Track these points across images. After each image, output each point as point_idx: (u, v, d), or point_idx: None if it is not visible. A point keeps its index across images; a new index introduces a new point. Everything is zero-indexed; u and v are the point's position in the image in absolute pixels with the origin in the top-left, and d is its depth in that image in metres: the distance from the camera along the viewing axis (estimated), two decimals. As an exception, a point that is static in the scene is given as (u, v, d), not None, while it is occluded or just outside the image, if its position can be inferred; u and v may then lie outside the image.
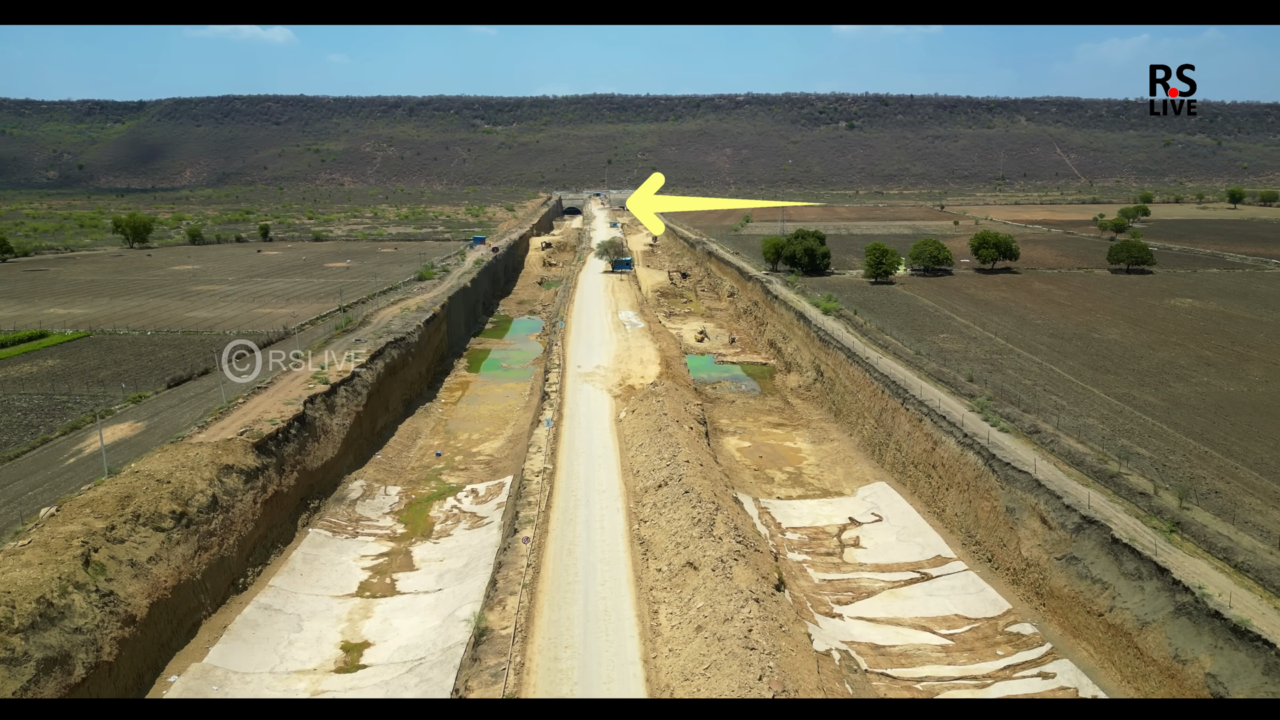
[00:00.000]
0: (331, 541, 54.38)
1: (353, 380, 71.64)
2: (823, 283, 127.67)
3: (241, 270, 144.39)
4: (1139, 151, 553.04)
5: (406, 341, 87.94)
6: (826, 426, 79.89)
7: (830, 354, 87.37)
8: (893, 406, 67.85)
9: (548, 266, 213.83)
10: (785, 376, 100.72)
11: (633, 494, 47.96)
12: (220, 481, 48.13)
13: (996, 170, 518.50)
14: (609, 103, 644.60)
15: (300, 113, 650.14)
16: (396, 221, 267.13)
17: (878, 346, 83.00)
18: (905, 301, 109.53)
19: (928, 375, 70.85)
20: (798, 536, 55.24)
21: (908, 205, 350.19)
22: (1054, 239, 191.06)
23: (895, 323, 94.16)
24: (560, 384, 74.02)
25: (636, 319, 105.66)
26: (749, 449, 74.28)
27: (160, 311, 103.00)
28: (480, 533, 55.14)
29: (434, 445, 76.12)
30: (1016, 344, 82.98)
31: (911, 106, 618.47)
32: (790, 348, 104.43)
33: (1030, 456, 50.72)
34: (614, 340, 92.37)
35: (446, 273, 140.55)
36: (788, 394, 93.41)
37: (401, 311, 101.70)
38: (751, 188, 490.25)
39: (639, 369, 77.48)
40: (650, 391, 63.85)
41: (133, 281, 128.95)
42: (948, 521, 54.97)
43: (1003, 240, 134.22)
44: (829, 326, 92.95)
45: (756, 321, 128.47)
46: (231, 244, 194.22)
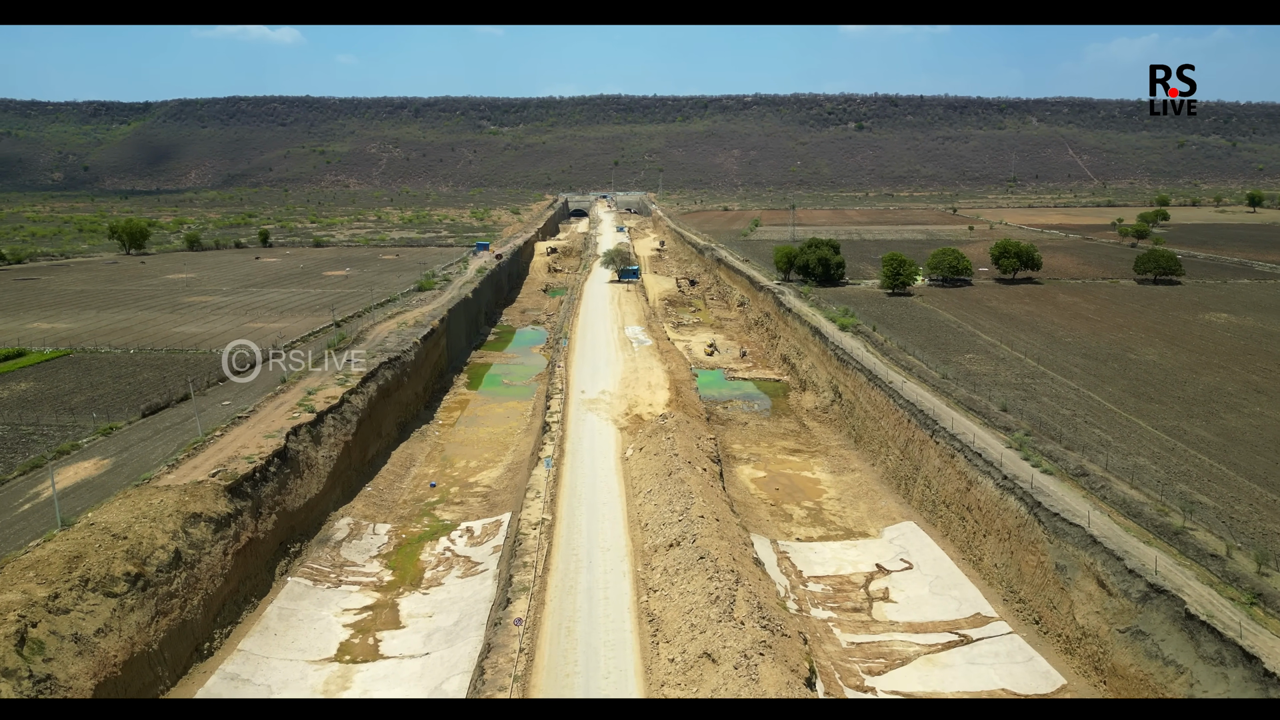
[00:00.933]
0: (312, 592, 49.82)
1: (342, 407, 67.12)
2: (837, 294, 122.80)
3: (237, 279, 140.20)
4: (1153, 153, 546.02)
5: (402, 361, 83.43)
6: (846, 454, 75.03)
7: (849, 375, 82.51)
8: (920, 438, 62.98)
9: (553, 272, 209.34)
10: (800, 395, 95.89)
11: (640, 553, 43.19)
12: (186, 533, 43.59)
13: (1008, 172, 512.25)
14: (616, 103, 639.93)
15: (306, 114, 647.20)
16: (400, 226, 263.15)
17: (901, 368, 78.11)
18: (925, 316, 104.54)
19: (957, 403, 65.96)
20: (821, 588, 50.46)
21: (919, 208, 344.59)
22: (1074, 245, 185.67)
23: (917, 340, 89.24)
24: (562, 413, 69.08)
25: (644, 335, 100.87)
26: (764, 480, 69.52)
27: (147, 326, 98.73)
28: (474, 582, 50.52)
29: (429, 474, 71.59)
30: (1048, 366, 77.97)
31: (921, 107, 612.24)
32: (805, 364, 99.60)
33: (1081, 506, 45.81)
34: (620, 360, 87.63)
35: (448, 282, 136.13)
36: (803, 415, 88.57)
37: (398, 327, 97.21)
38: (759, 189, 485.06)
39: (647, 395, 72.73)
40: (659, 426, 59.11)
41: (123, 292, 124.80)
42: (986, 573, 50.11)
43: (1024, 250, 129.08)
44: (847, 344, 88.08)
45: (768, 334, 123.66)
46: (230, 250, 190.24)
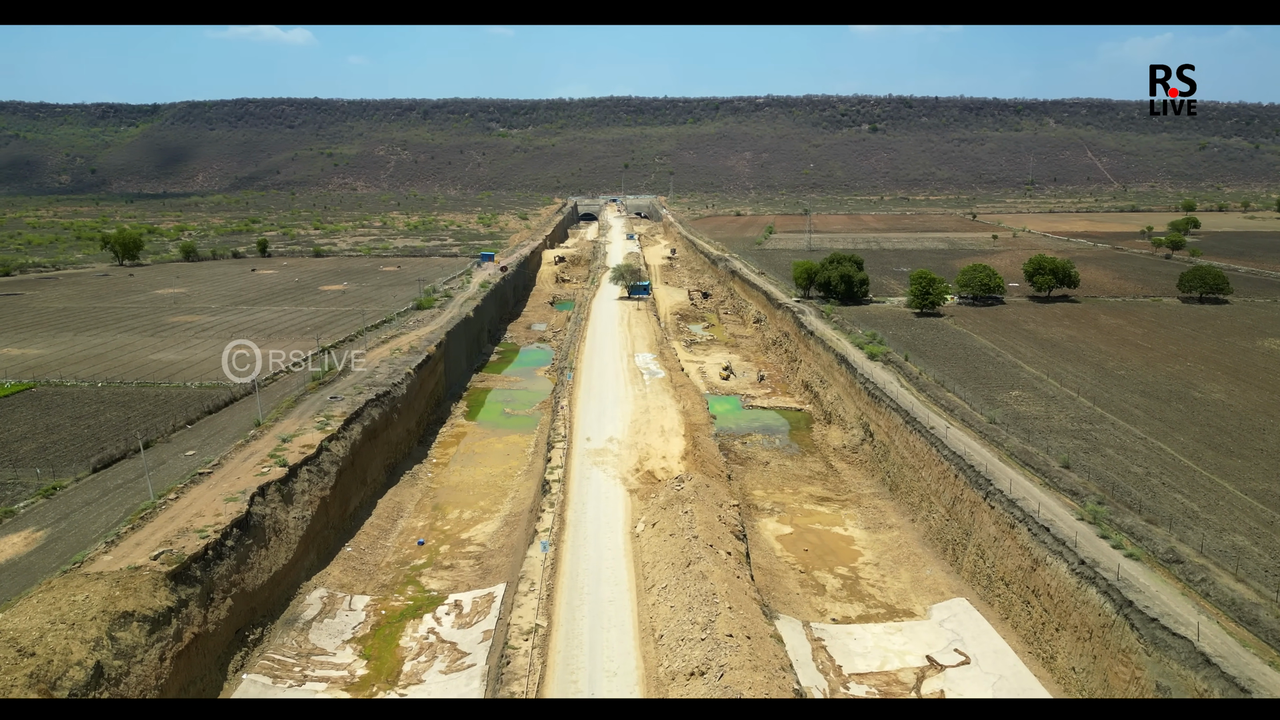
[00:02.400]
0: (270, 692, 42.73)
1: (319, 458, 60.06)
2: (861, 314, 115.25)
3: (229, 294, 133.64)
4: (1174, 155, 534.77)
5: (391, 397, 76.38)
6: (882, 505, 67.52)
7: (882, 413, 74.98)
8: (970, 498, 55.46)
9: (560, 283, 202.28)
10: (825, 429, 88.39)
11: (655, 681, 35.76)
12: (112, 640, 36.57)
13: (1026, 175, 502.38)
14: (626, 105, 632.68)
15: (314, 116, 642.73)
16: (405, 232, 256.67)
17: (941, 408, 70.57)
18: (960, 341, 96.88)
19: (1010, 456, 58.41)
20: (864, 689, 43.06)
21: (937, 213, 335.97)
22: (1105, 257, 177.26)
23: (954, 372, 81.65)
24: (565, 468, 61.21)
25: (655, 365, 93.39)
26: (792, 538, 62.14)
27: (123, 353, 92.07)
28: (459, 679, 43.33)
29: (417, 529, 64.51)
30: (1105, 406, 70.23)
31: (936, 108, 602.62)
32: (830, 395, 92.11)
33: (1182, 607, 38.27)
34: (630, 397, 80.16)
35: (449, 299, 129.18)
36: (830, 454, 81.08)
37: (391, 354, 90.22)
38: (772, 192, 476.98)
39: (659, 443, 65.33)
40: (675, 495, 51.66)
41: (107, 311, 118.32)
42: (1062, 676, 42.59)
43: (1060, 266, 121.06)
44: (878, 377, 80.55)
45: (788, 356, 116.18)
46: (227, 261, 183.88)
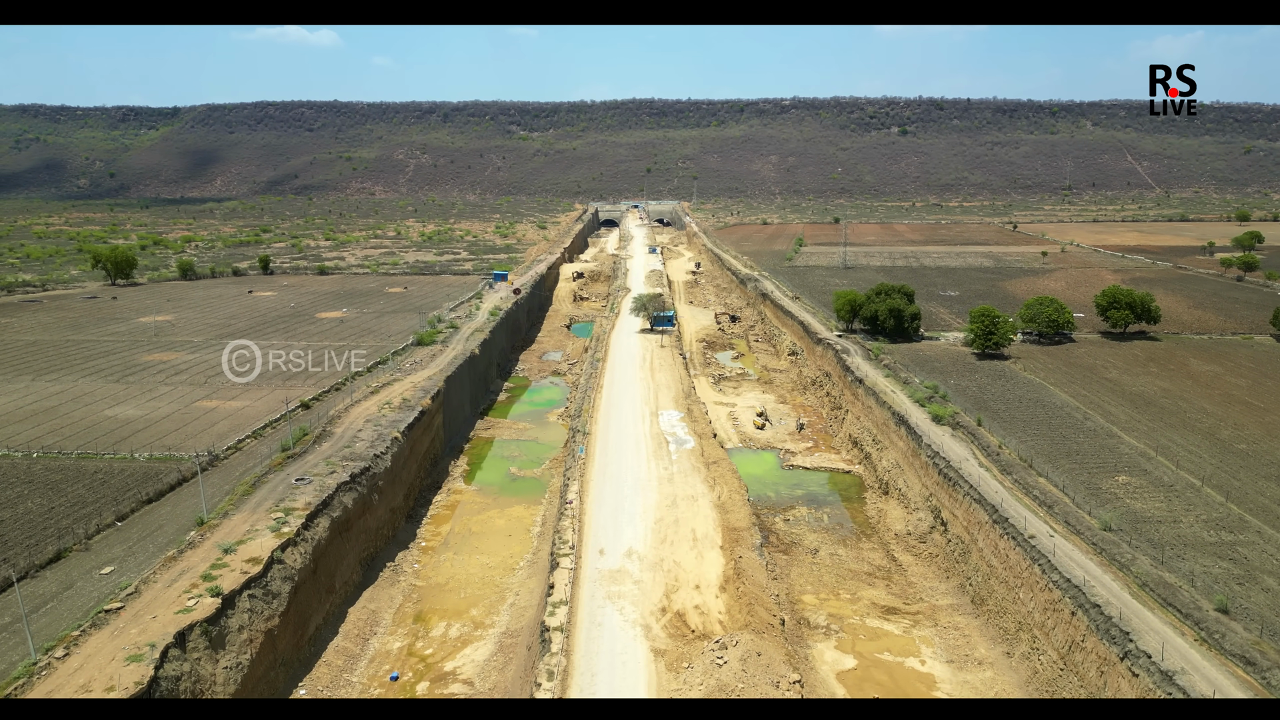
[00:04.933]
0: None
1: (268, 575, 48.21)
2: (914, 354, 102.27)
3: (217, 324, 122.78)
4: (1218, 159, 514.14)
5: (372, 474, 64.50)
6: (964, 626, 54.70)
7: (959, 500, 62.15)
8: (1099, 653, 42.55)
9: (578, 302, 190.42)
10: (882, 503, 75.60)
11: None
12: None
13: (1062, 180, 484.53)
14: (649, 108, 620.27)
15: (333, 119, 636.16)
16: (418, 244, 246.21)
17: (1034, 500, 57.68)
18: (1035, 395, 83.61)
19: (1145, 589, 45.42)
20: None
21: (974, 222, 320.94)
22: (1170, 279, 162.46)
23: (1039, 444, 68.61)
24: (571, 604, 47.04)
25: (683, 426, 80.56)
26: (855, 675, 49.53)
27: (78, 406, 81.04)
28: None
29: (392, 652, 52.55)
30: (1241, 502, 56.92)
31: (968, 110, 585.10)
32: (885, 460, 79.31)
33: None
34: (653, 480, 66.93)
35: (454, 330, 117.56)
36: (891, 541, 68.29)
37: (379, 410, 78.47)
38: (799, 198, 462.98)
39: (691, 562, 52.32)
40: (714, 673, 38.79)
41: (79, 347, 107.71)
42: None
43: (1138, 300, 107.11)
44: (950, 451, 67.67)
45: (829, 400, 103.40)
46: (225, 279, 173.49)
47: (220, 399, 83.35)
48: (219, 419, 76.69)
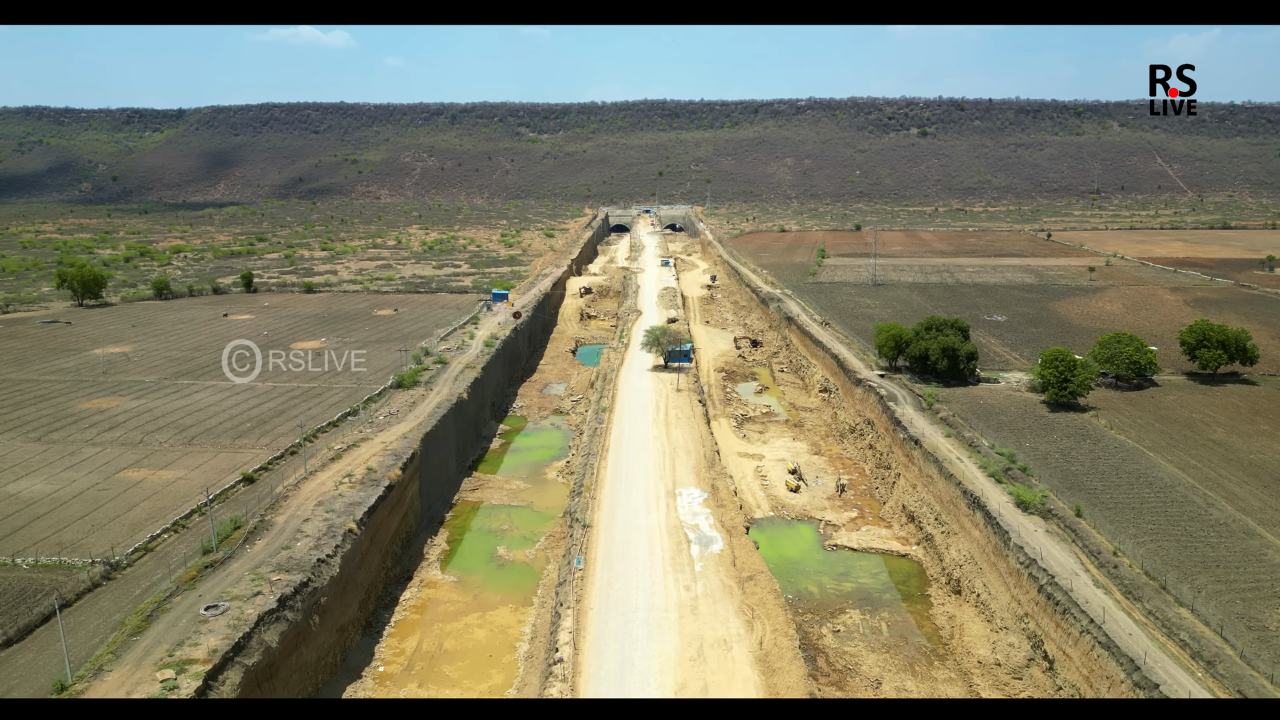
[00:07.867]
0: None
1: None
2: (973, 401, 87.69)
3: (178, 357, 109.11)
4: (1251, 161, 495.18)
5: (312, 589, 50.43)
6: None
7: (1070, 635, 47.53)
8: None
9: (585, 320, 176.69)
10: (953, 605, 61.08)
11: None
12: None
13: (1090, 183, 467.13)
14: (660, 109, 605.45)
15: (340, 121, 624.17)
16: (419, 254, 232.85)
17: (1179, 646, 43.12)
18: (1135, 467, 68.70)
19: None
20: None
21: (1003, 230, 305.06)
22: (1237, 300, 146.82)
23: (1162, 544, 53.97)
24: None
25: (707, 519, 65.12)
26: None
27: (-21, 476, 67.45)
28: None
29: None
30: None
31: (990, 111, 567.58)
32: (955, 550, 64.77)
33: None
34: (673, 610, 50.16)
35: (443, 366, 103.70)
36: (973, 669, 53.73)
37: (337, 486, 64.43)
38: (816, 202, 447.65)
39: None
40: None
41: (12, 389, 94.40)
42: None
43: (1232, 338, 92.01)
44: (1050, 558, 53.08)
45: (873, 455, 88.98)
46: (203, 299, 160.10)
47: (150, 467, 69.48)
48: (140, 498, 62.87)
